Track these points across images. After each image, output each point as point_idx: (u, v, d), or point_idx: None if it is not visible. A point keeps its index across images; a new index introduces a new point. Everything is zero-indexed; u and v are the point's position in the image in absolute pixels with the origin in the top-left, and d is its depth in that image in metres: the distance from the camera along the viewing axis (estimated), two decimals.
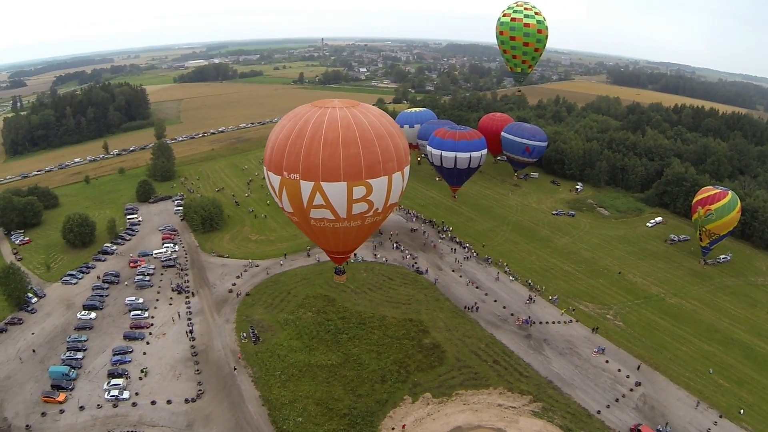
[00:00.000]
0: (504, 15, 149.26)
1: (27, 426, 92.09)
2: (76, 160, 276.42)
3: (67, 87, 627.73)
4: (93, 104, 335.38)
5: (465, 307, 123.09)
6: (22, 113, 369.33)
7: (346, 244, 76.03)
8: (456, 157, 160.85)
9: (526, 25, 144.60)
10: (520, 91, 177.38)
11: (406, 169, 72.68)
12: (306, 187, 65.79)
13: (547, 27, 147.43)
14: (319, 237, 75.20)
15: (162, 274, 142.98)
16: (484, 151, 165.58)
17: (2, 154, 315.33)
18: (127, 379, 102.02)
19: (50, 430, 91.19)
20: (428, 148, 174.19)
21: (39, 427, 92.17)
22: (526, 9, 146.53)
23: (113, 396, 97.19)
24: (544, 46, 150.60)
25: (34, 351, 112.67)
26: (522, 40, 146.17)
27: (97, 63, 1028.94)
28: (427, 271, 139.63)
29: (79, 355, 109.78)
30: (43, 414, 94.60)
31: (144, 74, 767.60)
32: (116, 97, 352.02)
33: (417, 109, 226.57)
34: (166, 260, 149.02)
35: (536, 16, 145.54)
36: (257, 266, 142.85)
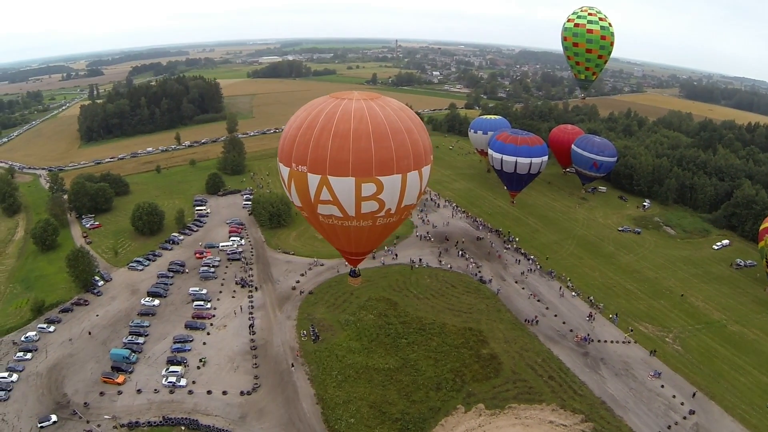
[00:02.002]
0: (568, 20, 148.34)
1: (85, 403, 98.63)
2: (149, 149, 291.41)
3: (143, 77, 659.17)
4: (167, 96, 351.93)
5: (525, 320, 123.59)
6: (98, 101, 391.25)
7: (359, 245, 73.95)
8: (516, 161, 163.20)
9: (589, 31, 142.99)
10: (584, 97, 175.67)
11: (425, 169, 68.69)
12: (313, 180, 64.16)
13: (612, 33, 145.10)
14: (330, 235, 73.75)
15: (227, 267, 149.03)
16: (545, 158, 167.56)
17: (77, 140, 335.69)
18: (185, 367, 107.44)
19: (107, 410, 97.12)
20: (489, 151, 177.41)
21: (96, 405, 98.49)
22: (590, 15, 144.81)
23: (170, 382, 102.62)
24: (609, 53, 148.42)
25: (90, 333, 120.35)
26: (585, 47, 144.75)
27: (172, 55, 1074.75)
28: (490, 281, 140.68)
29: (141, 340, 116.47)
30: (102, 393, 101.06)
31: (218, 68, 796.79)
32: (190, 89, 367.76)
33: (492, 117, 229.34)
34: (231, 253, 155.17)
35: (600, 22, 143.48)
36: (322, 265, 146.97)
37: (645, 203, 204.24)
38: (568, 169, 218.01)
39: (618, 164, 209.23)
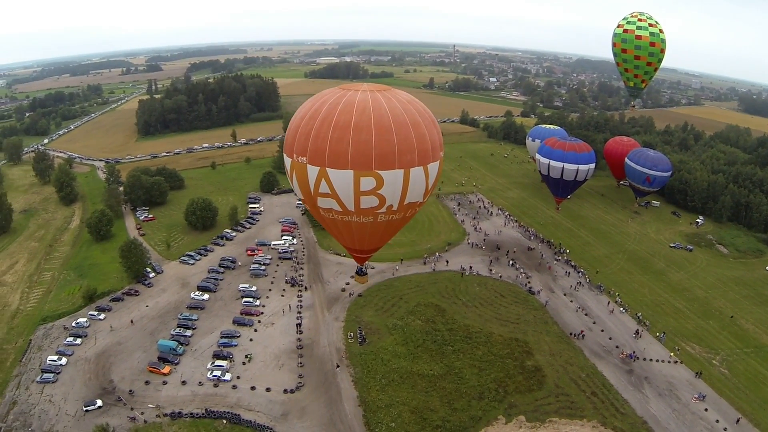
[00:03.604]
0: (618, 26, 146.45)
1: (130, 391, 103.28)
2: (204, 145, 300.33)
3: (201, 74, 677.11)
4: (224, 93, 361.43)
5: (571, 333, 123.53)
6: (156, 96, 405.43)
7: (363, 241, 73.17)
8: (563, 167, 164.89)
9: (638, 37, 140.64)
10: (634, 106, 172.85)
11: (432, 166, 66.70)
12: (312, 172, 63.69)
13: (662, 41, 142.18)
14: (332, 230, 73.61)
15: (278, 266, 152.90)
16: (592, 165, 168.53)
17: (135, 134, 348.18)
18: (231, 362, 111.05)
19: (151, 398, 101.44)
20: (537, 156, 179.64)
21: (141, 393, 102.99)
22: (640, 20, 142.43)
23: (215, 376, 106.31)
24: (659, 61, 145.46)
25: (132, 322, 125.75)
26: (633, 53, 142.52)
27: (230, 53, 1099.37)
28: (539, 292, 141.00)
29: (188, 332, 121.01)
30: (147, 383, 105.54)
31: (275, 67, 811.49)
32: (247, 87, 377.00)
33: (551, 126, 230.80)
34: (283, 252, 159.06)
35: (650, 28, 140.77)
36: (372, 268, 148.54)
37: (698, 220, 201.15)
38: (622, 182, 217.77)
39: (672, 179, 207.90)
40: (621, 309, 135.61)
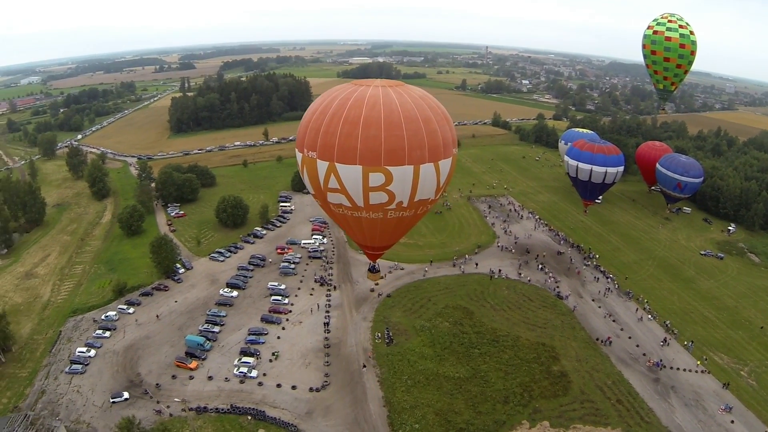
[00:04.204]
0: (648, 28, 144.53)
1: (157, 384, 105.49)
2: (236, 143, 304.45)
3: (233, 73, 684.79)
4: (257, 92, 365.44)
5: (598, 339, 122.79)
6: (189, 94, 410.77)
7: (374, 238, 72.76)
8: (591, 170, 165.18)
9: (668, 39, 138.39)
10: (664, 109, 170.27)
11: (444, 163, 65.89)
12: (322, 167, 63.70)
13: (693, 42, 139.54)
14: (344, 225, 73.90)
15: (307, 265, 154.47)
16: (621, 168, 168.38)
17: (167, 131, 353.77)
18: (257, 359, 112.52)
19: (178, 393, 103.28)
20: (565, 158, 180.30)
21: (168, 387, 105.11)
22: (670, 22, 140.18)
23: (242, 372, 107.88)
24: (689, 63, 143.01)
25: (157, 317, 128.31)
26: (662, 55, 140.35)
27: (263, 52, 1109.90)
28: (567, 296, 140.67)
29: (216, 329, 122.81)
30: (174, 377, 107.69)
31: (308, 66, 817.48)
32: (280, 86, 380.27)
33: (584, 130, 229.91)
34: (313, 251, 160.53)
35: (680, 29, 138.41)
36: (402, 269, 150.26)
37: (730, 227, 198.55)
38: (653, 187, 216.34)
39: (704, 185, 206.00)
40: (649, 316, 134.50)
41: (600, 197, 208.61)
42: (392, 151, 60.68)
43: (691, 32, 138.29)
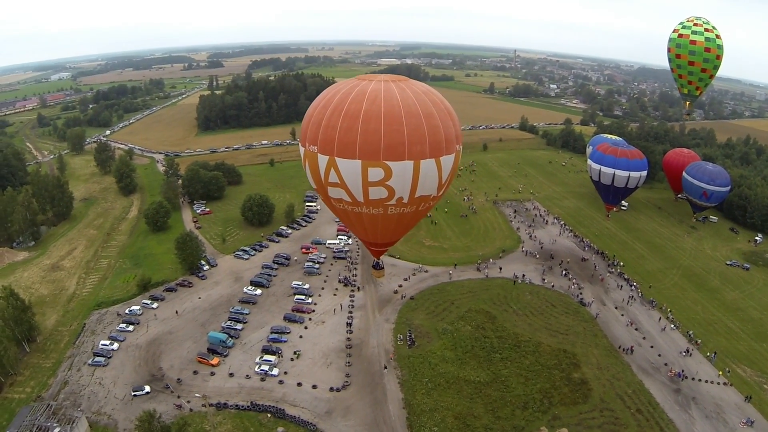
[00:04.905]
0: (674, 31, 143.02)
1: (178, 379, 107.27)
2: (264, 142, 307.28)
3: (262, 72, 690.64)
4: (285, 91, 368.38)
5: (620, 348, 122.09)
6: (217, 92, 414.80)
7: (376, 234, 72.76)
8: (614, 174, 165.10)
9: (693, 42, 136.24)
10: (688, 114, 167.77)
11: (446, 159, 65.34)
12: (322, 161, 63.91)
13: (719, 47, 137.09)
14: (345, 221, 74.02)
15: (332, 265, 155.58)
16: (644, 173, 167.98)
17: (195, 128, 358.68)
18: (279, 357, 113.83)
19: (198, 388, 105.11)
20: (588, 161, 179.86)
21: (189, 383, 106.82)
22: (695, 25, 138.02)
23: (263, 370, 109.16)
24: (715, 67, 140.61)
25: (177, 312, 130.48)
26: (687, 59, 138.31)
27: (292, 51, 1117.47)
28: (590, 303, 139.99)
29: (239, 326, 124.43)
30: (195, 372, 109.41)
31: (336, 67, 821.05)
32: (308, 86, 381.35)
33: (612, 137, 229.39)
34: (337, 252, 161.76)
35: (706, 33, 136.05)
36: (426, 272, 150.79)
37: (757, 238, 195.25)
38: (680, 195, 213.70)
39: (732, 194, 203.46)
40: (672, 326, 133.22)
41: (625, 204, 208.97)
42: (392, 146, 60.64)
43: (717, 36, 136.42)
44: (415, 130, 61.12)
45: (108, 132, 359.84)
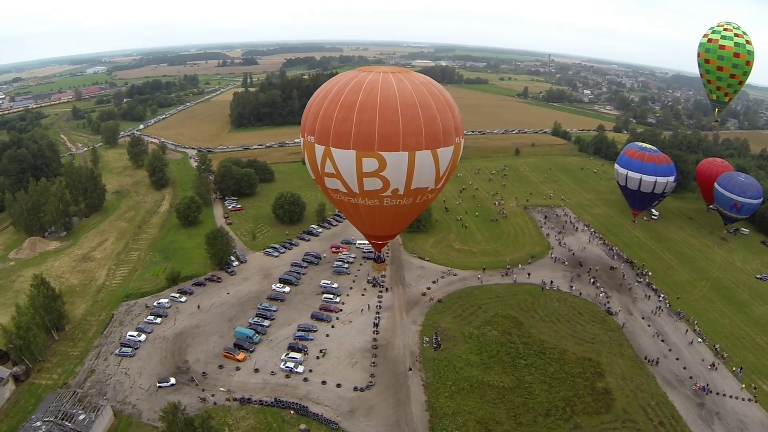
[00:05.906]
0: (704, 36, 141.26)
1: (204, 373, 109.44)
2: (296, 140, 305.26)
3: (296, 70, 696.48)
4: None
5: (646, 359, 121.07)
6: (251, 89, 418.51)
7: (374, 226, 73.30)
8: (641, 179, 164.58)
9: (722, 47, 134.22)
10: (717, 121, 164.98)
11: (443, 151, 65.18)
12: (319, 151, 64.58)
13: (749, 52, 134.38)
14: (342, 211, 74.68)
15: (361, 265, 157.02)
16: (671, 179, 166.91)
17: (228, 125, 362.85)
18: (305, 355, 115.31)
19: (223, 383, 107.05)
20: (616, 166, 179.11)
21: (214, 377, 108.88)
22: (725, 30, 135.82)
23: (288, 367, 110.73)
24: (744, 73, 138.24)
25: (198, 307, 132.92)
26: (716, 64, 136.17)
27: (326, 51, 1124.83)
28: (617, 313, 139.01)
29: (266, 323, 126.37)
30: (221, 367, 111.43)
31: None
32: None
33: (646, 145, 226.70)
34: (367, 252, 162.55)
35: (736, 38, 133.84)
36: (455, 275, 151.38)
37: None
38: (711, 206, 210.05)
39: (764, 207, 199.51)
40: (699, 339, 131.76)
41: (656, 212, 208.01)
42: (386, 137, 60.86)
43: (748, 41, 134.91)
44: (411, 120, 61.49)
45: (142, 126, 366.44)
